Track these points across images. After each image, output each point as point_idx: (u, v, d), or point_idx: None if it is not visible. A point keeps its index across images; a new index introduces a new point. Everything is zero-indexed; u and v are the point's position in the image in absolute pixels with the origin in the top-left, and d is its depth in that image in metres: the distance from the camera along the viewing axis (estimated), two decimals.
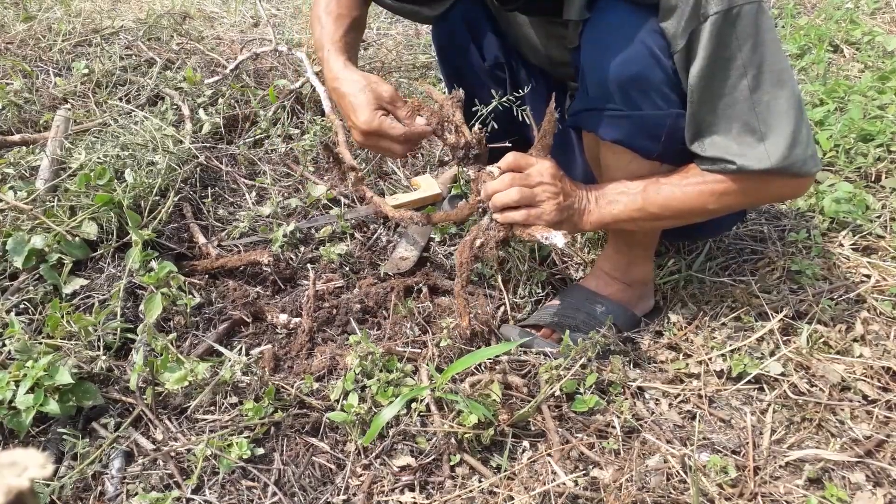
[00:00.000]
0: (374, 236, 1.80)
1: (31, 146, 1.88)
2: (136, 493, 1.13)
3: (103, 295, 1.45)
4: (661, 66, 1.21)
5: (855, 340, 1.44)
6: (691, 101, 1.22)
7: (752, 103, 1.18)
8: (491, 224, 1.32)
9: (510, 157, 1.29)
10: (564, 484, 1.16)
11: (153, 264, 1.48)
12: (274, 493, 1.16)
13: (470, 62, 1.65)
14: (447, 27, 1.63)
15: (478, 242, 1.33)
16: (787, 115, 1.19)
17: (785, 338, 1.46)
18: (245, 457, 1.18)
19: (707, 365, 1.41)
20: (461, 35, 1.62)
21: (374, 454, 1.22)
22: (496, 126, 1.39)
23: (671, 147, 1.27)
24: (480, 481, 1.18)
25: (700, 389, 1.37)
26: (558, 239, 1.20)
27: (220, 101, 2.18)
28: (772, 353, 1.42)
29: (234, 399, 1.29)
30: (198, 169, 1.90)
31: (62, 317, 1.33)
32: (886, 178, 1.94)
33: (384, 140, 1.30)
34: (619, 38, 1.23)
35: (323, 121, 2.22)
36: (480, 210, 1.35)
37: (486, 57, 1.64)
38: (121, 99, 2.15)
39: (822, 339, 1.45)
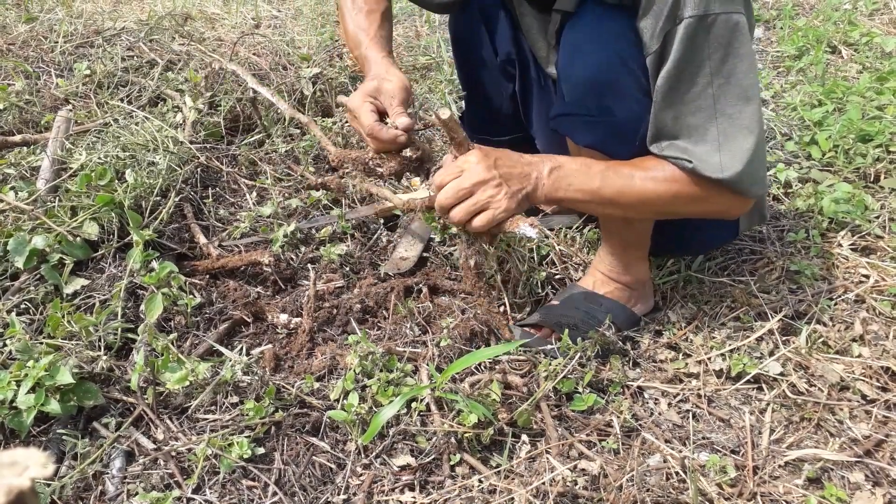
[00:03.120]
0: (374, 236, 1.81)
1: (32, 147, 1.89)
2: (137, 493, 1.13)
3: (104, 295, 1.45)
4: (633, 73, 1.22)
5: (854, 340, 1.45)
6: (655, 102, 1.22)
7: (714, 112, 1.18)
8: (467, 238, 1.34)
9: (435, 178, 1.26)
10: (564, 482, 1.16)
11: (154, 264, 1.48)
12: (274, 493, 1.16)
13: (482, 55, 1.66)
14: (464, 17, 1.65)
15: (472, 262, 1.37)
16: (748, 132, 1.19)
17: (784, 338, 1.46)
18: (245, 456, 1.18)
19: (706, 365, 1.41)
20: (477, 26, 1.63)
21: (374, 454, 1.23)
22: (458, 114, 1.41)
23: (646, 151, 1.28)
24: (481, 481, 1.18)
25: (699, 389, 1.38)
26: (528, 231, 1.22)
27: (222, 102, 2.18)
28: (771, 353, 1.42)
29: (235, 399, 1.29)
30: (198, 169, 1.90)
31: (63, 317, 1.33)
32: (885, 178, 1.95)
33: (356, 122, 1.35)
34: (592, 44, 1.24)
35: (323, 121, 2.22)
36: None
37: (499, 51, 1.65)
38: (122, 100, 2.16)
39: (821, 339, 1.46)
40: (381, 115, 1.34)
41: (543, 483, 1.17)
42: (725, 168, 1.19)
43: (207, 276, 1.61)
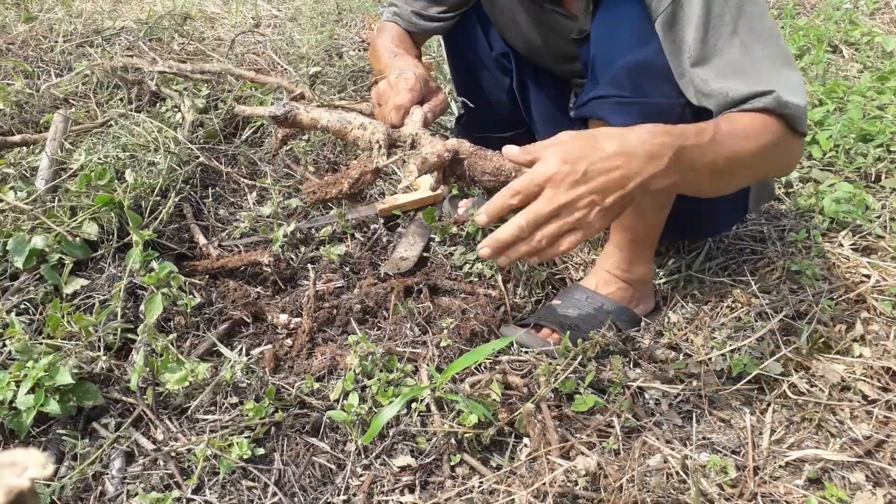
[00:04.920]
0: (374, 236, 1.81)
1: (31, 146, 1.88)
2: (137, 494, 1.13)
3: (104, 295, 1.45)
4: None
5: (855, 340, 1.45)
6: (689, 61, 1.17)
7: (750, 58, 1.16)
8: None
9: (518, 186, 0.98)
10: (565, 482, 1.16)
11: (154, 264, 1.48)
12: (274, 493, 1.16)
13: (477, 51, 1.68)
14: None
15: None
16: (788, 67, 1.17)
17: (785, 338, 1.46)
18: (245, 457, 1.18)
19: (707, 365, 1.41)
20: (471, 23, 1.65)
21: (374, 454, 1.22)
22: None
23: None
24: (481, 482, 1.18)
25: (700, 389, 1.37)
26: None
27: (220, 102, 2.18)
28: (772, 353, 1.42)
29: (235, 399, 1.29)
30: (198, 169, 1.90)
31: (63, 317, 1.33)
32: (886, 178, 1.94)
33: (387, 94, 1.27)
34: (628, 28, 1.25)
35: None
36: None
37: (493, 45, 1.66)
38: (121, 100, 2.15)
39: (822, 339, 1.45)
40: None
41: (544, 484, 1.16)
42: (795, 94, 1.12)
43: (207, 277, 1.61)
